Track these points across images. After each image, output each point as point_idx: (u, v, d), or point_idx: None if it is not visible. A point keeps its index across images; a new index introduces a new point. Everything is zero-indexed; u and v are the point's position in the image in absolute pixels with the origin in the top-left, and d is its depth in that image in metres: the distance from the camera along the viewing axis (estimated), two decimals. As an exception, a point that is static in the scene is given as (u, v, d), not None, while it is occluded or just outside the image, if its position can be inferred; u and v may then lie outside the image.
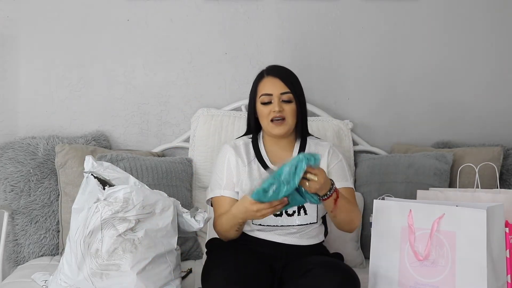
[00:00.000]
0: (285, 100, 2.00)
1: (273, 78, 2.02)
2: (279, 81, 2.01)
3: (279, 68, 2.08)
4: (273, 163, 2.04)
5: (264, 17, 2.69)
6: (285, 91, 2.00)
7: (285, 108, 2.00)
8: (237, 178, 2.01)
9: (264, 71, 2.07)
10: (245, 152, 2.05)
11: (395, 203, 1.90)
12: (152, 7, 2.64)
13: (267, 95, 2.01)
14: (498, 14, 2.78)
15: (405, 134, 2.77)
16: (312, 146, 2.09)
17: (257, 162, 2.04)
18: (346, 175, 2.05)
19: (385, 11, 2.73)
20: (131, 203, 1.83)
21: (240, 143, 2.08)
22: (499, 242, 1.81)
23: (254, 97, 2.05)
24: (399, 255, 1.86)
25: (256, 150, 2.07)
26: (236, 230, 1.92)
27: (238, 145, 2.07)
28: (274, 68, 2.07)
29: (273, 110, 1.99)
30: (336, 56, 2.73)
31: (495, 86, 2.79)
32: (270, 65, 2.10)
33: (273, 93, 2.00)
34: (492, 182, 2.33)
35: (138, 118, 2.66)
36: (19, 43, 2.60)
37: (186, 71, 2.67)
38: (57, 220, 2.42)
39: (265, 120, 2.01)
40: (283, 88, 2.00)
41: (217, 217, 2.00)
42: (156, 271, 1.86)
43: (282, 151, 2.07)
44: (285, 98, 2.00)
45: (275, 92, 2.00)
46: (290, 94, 2.00)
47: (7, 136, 2.58)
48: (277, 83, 2.01)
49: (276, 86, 2.01)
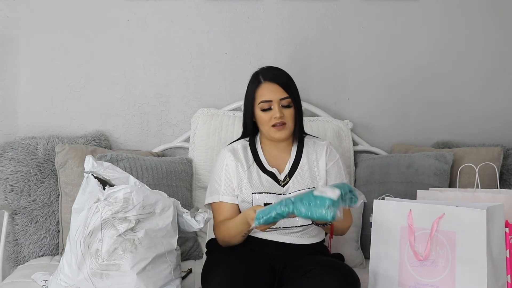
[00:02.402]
0: (285, 105, 2.00)
1: (271, 84, 2.01)
2: (278, 86, 2.00)
3: (275, 71, 2.06)
4: (271, 165, 2.04)
5: (264, 17, 2.69)
6: (284, 97, 1.99)
7: (285, 113, 2.00)
8: (237, 183, 2.02)
9: (260, 76, 2.03)
10: (244, 156, 2.05)
11: (395, 203, 1.90)
12: (152, 7, 2.64)
13: (266, 102, 1.99)
14: (498, 14, 2.78)
15: (405, 134, 2.77)
16: (310, 146, 2.09)
17: (256, 166, 2.04)
18: (342, 175, 2.07)
19: (385, 11, 2.73)
20: (131, 203, 1.83)
21: (238, 146, 2.08)
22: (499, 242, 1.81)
23: (252, 103, 2.03)
24: (399, 255, 1.86)
25: (254, 153, 2.07)
26: (242, 236, 1.92)
27: (236, 149, 2.07)
28: (270, 72, 2.04)
29: (274, 117, 1.98)
30: (336, 56, 2.73)
31: (495, 86, 2.79)
32: (264, 68, 2.07)
33: (272, 100, 1.99)
34: (492, 182, 2.33)
35: (138, 118, 2.66)
36: (19, 43, 2.60)
37: (186, 71, 2.67)
38: (57, 220, 2.42)
39: (266, 126, 2.01)
40: (282, 93, 1.99)
41: (217, 224, 2.01)
42: (156, 271, 1.86)
43: (280, 153, 2.07)
44: (285, 103, 2.00)
45: (275, 98, 1.99)
46: (289, 99, 2.00)
47: (7, 136, 2.58)
48: (276, 89, 2.00)
49: (275, 92, 1.99)
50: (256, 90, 2.02)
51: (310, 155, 2.07)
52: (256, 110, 2.03)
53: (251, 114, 2.05)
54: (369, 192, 2.46)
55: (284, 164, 2.05)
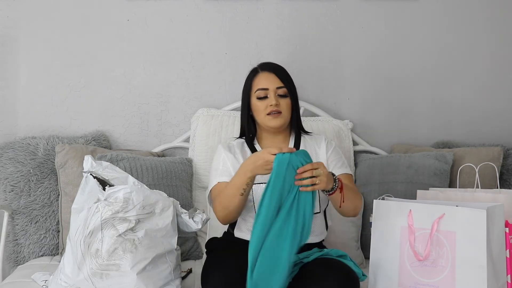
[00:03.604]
0: (281, 95, 2.03)
1: (268, 73, 2.05)
2: (274, 76, 2.04)
3: (272, 64, 2.11)
4: None
5: (264, 17, 2.69)
6: (280, 86, 2.03)
7: (281, 102, 2.02)
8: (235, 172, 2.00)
9: (258, 67, 2.09)
10: (240, 150, 2.06)
11: (395, 203, 1.90)
12: (152, 7, 2.64)
13: (263, 89, 2.02)
14: (498, 14, 2.78)
15: (405, 134, 2.77)
16: (307, 139, 2.11)
17: None
18: (343, 162, 2.08)
19: (385, 11, 2.73)
20: (131, 203, 1.83)
21: (233, 143, 2.10)
22: (499, 242, 1.81)
23: (249, 93, 2.06)
24: (399, 255, 1.86)
25: (252, 149, 2.07)
26: (241, 194, 1.86)
27: (231, 146, 2.09)
28: (268, 64, 2.10)
29: (270, 104, 2.00)
30: (336, 56, 2.73)
31: (495, 86, 2.79)
32: (263, 62, 2.13)
33: (269, 88, 2.02)
34: (492, 182, 2.33)
35: (138, 118, 2.66)
36: (19, 43, 2.60)
37: (186, 71, 2.67)
38: (57, 220, 2.42)
39: (262, 114, 2.03)
40: (279, 83, 2.03)
41: (216, 200, 1.97)
42: (156, 271, 1.86)
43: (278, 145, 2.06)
44: (281, 92, 2.03)
45: (271, 87, 2.02)
46: (285, 88, 2.03)
47: (7, 136, 2.58)
48: (273, 78, 2.04)
49: (271, 81, 2.03)
50: (253, 79, 2.07)
51: (308, 146, 2.08)
52: (252, 100, 2.05)
53: (248, 105, 2.06)
54: (369, 192, 2.46)
55: None
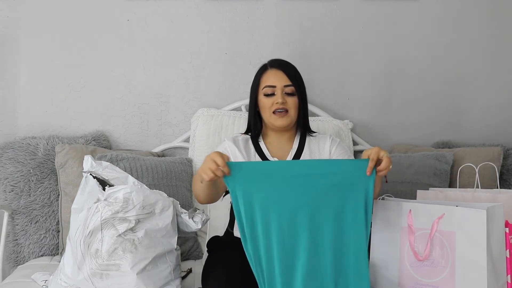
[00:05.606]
0: (288, 93, 2.01)
1: (276, 71, 2.03)
2: (283, 73, 2.02)
3: (283, 61, 2.08)
4: (273, 156, 2.04)
5: (264, 17, 2.69)
6: (288, 84, 2.01)
7: (288, 100, 2.01)
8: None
9: (268, 64, 2.07)
10: (244, 146, 2.05)
11: (395, 203, 1.90)
12: (152, 7, 2.64)
13: (270, 87, 2.01)
14: (498, 14, 2.78)
15: (405, 134, 2.77)
16: (312, 138, 2.10)
17: (258, 157, 2.03)
18: (350, 156, 2.08)
19: (385, 11, 2.73)
20: (131, 203, 1.83)
21: (239, 138, 2.09)
22: (499, 242, 1.80)
23: (256, 89, 2.05)
24: (399, 255, 1.86)
25: (256, 146, 2.07)
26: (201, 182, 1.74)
27: (237, 140, 2.07)
28: (278, 61, 2.08)
29: (276, 102, 1.99)
30: (336, 56, 2.73)
31: (495, 86, 2.79)
32: (273, 58, 2.10)
33: (276, 85, 2.01)
34: (492, 182, 2.33)
35: (138, 118, 2.66)
36: (19, 43, 2.60)
37: (186, 71, 2.67)
38: (57, 220, 2.42)
39: (268, 111, 2.02)
40: (287, 81, 2.01)
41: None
42: (156, 271, 1.86)
43: (283, 144, 2.07)
44: (288, 90, 2.01)
45: (279, 84, 2.01)
46: (293, 87, 2.01)
47: (7, 136, 2.58)
48: (281, 76, 2.02)
49: (279, 78, 2.01)
50: (261, 76, 2.05)
51: (312, 145, 2.07)
52: (259, 97, 2.04)
53: (255, 101, 2.05)
54: (369, 192, 2.46)
55: (287, 154, 2.06)
